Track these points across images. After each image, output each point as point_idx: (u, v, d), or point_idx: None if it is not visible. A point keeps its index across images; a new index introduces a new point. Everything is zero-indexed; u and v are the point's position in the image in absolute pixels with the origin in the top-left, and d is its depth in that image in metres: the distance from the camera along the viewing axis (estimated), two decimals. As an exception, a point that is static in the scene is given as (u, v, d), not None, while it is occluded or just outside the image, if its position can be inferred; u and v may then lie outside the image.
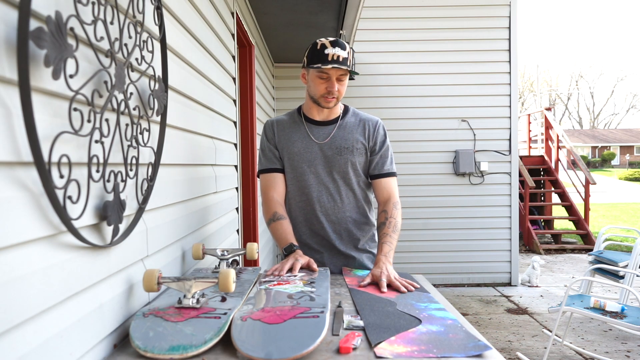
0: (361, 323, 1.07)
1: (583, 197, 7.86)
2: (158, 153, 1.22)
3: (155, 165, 1.21)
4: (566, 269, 6.17)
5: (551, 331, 3.23)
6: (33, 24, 0.68)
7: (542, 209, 8.43)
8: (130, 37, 1.05)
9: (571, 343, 3.55)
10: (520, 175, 6.60)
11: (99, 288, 0.93)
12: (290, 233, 1.69)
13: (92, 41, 0.88)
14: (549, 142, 8.44)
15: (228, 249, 1.53)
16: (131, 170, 1.06)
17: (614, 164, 37.23)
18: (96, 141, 0.90)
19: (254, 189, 3.30)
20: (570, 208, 7.83)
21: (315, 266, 1.56)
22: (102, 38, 0.91)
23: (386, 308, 1.18)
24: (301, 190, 1.77)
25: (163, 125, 1.24)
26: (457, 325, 1.06)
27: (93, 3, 0.88)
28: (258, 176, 1.85)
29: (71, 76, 0.79)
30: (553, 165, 8.17)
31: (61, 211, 0.77)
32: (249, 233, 3.24)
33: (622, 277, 3.80)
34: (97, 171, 0.91)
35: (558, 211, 9.24)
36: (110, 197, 0.95)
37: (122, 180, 1.01)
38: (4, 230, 0.66)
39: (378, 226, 1.73)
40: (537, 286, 5.31)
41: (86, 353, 0.86)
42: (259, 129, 3.52)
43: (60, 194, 0.77)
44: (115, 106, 0.97)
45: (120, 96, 0.99)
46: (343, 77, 1.67)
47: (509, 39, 5.33)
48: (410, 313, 1.14)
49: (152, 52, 1.18)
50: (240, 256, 2.05)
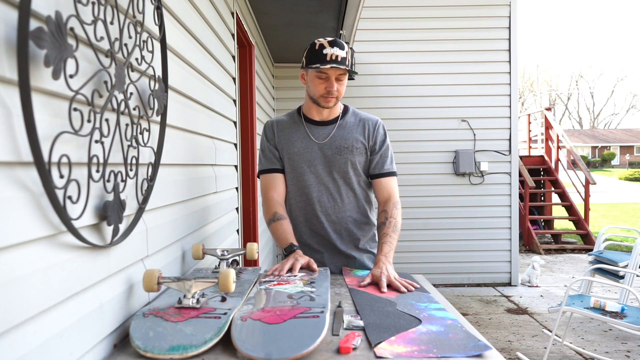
0: (361, 323, 1.07)
1: (583, 197, 7.86)
2: (158, 153, 1.22)
3: (155, 165, 1.21)
4: (566, 269, 6.17)
5: (551, 331, 3.23)
6: (33, 24, 0.68)
7: (542, 209, 8.43)
8: (130, 37, 1.05)
9: (571, 343, 3.55)
10: (520, 175, 6.60)
11: (99, 288, 0.94)
12: (290, 233, 1.69)
13: (92, 41, 0.88)
14: (549, 142, 8.44)
15: (228, 249, 1.53)
16: (131, 170, 1.06)
17: (614, 164, 37.23)
18: (96, 141, 0.90)
19: (254, 189, 3.29)
20: (570, 208, 7.83)
21: (315, 266, 1.56)
22: (102, 38, 0.91)
23: (386, 308, 1.18)
24: (301, 190, 1.77)
25: (163, 125, 1.25)
26: (457, 325, 1.06)
27: (93, 3, 0.88)
28: (258, 177, 1.85)
29: (71, 76, 0.79)
30: (553, 165, 8.17)
31: (61, 211, 0.77)
32: (249, 233, 3.24)
33: (622, 277, 3.80)
34: (97, 171, 0.91)
35: (558, 211, 9.24)
36: (110, 197, 0.95)
37: (122, 180, 1.01)
38: (4, 230, 0.66)
39: (378, 226, 1.72)
40: (537, 286, 5.31)
41: (86, 353, 0.86)
42: (259, 129, 3.52)
43: (60, 194, 0.77)
44: (115, 106, 0.97)
45: (120, 96, 0.99)
46: (342, 77, 1.67)
47: (509, 39, 5.33)
48: (410, 313, 1.14)
49: (152, 52, 1.18)
50: (240, 256, 2.05)
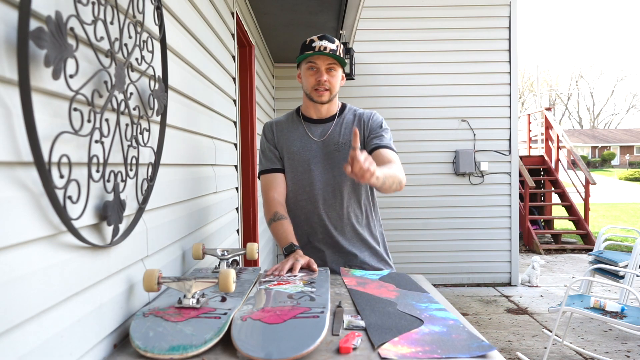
0: (361, 323, 1.07)
1: (583, 197, 7.86)
2: (158, 153, 1.22)
3: (155, 165, 1.21)
4: (566, 269, 6.17)
5: (551, 331, 3.23)
6: (33, 24, 0.68)
7: (542, 209, 8.43)
8: (130, 37, 1.05)
9: (571, 343, 3.55)
10: (520, 175, 6.60)
11: (99, 288, 0.93)
12: (290, 233, 1.68)
13: (92, 41, 0.88)
14: (549, 142, 8.44)
15: (228, 249, 1.53)
16: (131, 170, 1.06)
17: (614, 164, 37.23)
18: (96, 141, 0.90)
19: (254, 189, 3.29)
20: (570, 208, 7.83)
21: (315, 266, 1.56)
22: (102, 38, 0.91)
23: (387, 308, 1.18)
24: (302, 188, 1.77)
25: (163, 125, 1.24)
26: (460, 325, 1.06)
27: (93, 3, 0.88)
28: (259, 177, 1.85)
29: (71, 76, 0.79)
30: (553, 165, 8.17)
31: (61, 211, 0.77)
32: (249, 233, 3.24)
33: (622, 277, 3.80)
34: (97, 171, 0.91)
35: (558, 211, 9.23)
36: (110, 197, 0.95)
37: (122, 180, 1.01)
38: (4, 230, 0.66)
39: None
40: (537, 286, 5.31)
41: (86, 353, 0.86)
42: (259, 129, 3.52)
43: (60, 194, 0.77)
44: (115, 106, 0.97)
45: (120, 96, 0.99)
46: (333, 68, 1.68)
47: (509, 39, 5.33)
48: (411, 313, 1.14)
49: (152, 52, 1.18)
50: (240, 256, 2.05)
